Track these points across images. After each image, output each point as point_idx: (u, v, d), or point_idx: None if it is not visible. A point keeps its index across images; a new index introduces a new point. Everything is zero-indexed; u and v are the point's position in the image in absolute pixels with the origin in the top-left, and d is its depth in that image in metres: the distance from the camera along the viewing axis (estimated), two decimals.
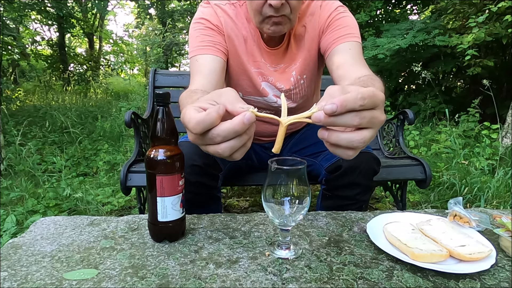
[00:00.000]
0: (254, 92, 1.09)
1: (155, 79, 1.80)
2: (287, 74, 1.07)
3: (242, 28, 1.03)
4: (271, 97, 1.09)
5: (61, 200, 2.10)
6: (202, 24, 1.00)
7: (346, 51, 0.95)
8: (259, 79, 1.07)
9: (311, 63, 1.07)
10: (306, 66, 1.07)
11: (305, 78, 1.08)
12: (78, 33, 11.30)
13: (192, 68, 0.97)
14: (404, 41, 3.89)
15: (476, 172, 2.39)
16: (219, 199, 1.12)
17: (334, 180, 1.01)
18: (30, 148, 3.04)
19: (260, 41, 1.03)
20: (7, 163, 2.81)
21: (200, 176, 0.94)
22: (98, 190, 2.27)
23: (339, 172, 0.99)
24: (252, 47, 1.04)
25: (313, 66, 1.08)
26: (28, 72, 8.73)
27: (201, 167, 0.94)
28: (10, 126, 3.66)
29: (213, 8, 1.03)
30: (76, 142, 3.41)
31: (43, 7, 7.20)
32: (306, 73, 1.08)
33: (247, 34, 1.03)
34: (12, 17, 5.99)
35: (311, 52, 1.06)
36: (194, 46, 0.99)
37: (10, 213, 1.80)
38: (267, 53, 1.04)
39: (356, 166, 0.96)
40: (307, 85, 1.10)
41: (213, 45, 0.97)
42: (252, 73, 1.06)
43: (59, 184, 2.35)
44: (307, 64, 1.07)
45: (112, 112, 4.88)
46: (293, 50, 1.05)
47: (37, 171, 2.59)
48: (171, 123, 0.70)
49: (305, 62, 1.06)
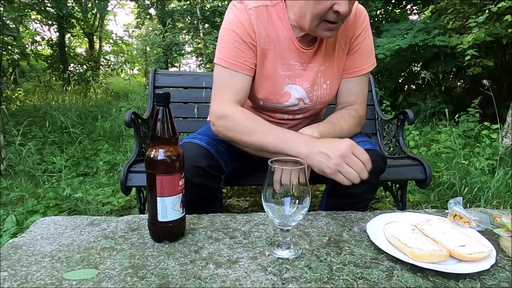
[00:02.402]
0: (274, 98, 1.08)
1: (155, 79, 1.80)
2: (314, 73, 1.06)
3: (274, 30, 1.01)
4: (292, 101, 1.08)
5: (61, 200, 2.09)
6: (237, 35, 0.98)
7: (356, 86, 1.11)
8: (285, 82, 1.06)
9: (335, 72, 1.08)
10: (332, 72, 1.08)
11: (328, 84, 1.08)
12: (78, 33, 11.31)
13: (223, 77, 1.00)
14: (404, 41, 3.89)
15: (476, 172, 2.39)
16: (220, 200, 1.12)
17: None
18: (30, 148, 3.04)
19: (295, 41, 1.01)
20: (7, 163, 2.81)
21: (203, 178, 0.94)
22: (98, 190, 2.27)
23: None
24: (284, 48, 1.02)
25: (336, 74, 1.09)
26: (28, 72, 8.72)
27: (204, 169, 0.94)
28: (10, 126, 3.66)
29: (248, 13, 0.98)
30: (76, 142, 3.41)
31: (43, 7, 7.20)
32: (330, 79, 1.08)
33: (280, 35, 1.02)
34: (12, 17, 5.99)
35: (339, 61, 1.08)
36: (225, 56, 0.99)
37: (10, 213, 1.80)
38: (299, 53, 1.03)
39: None
40: (329, 92, 1.10)
41: (243, 62, 0.99)
42: (279, 77, 1.05)
43: (59, 184, 2.35)
44: (333, 70, 1.08)
45: (112, 112, 4.88)
46: (323, 53, 1.05)
47: (37, 171, 2.59)
48: (171, 123, 0.70)
49: (332, 68, 1.07)
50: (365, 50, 1.08)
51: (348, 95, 1.11)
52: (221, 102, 0.98)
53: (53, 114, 4.40)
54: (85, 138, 3.65)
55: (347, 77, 1.10)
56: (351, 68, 1.09)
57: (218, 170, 1.00)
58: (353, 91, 1.11)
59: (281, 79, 1.05)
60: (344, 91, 1.11)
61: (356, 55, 1.08)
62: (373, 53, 1.11)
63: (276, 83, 1.05)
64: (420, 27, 4.08)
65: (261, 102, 1.09)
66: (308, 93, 1.07)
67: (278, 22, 1.01)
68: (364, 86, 1.12)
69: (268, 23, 1.00)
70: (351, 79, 1.10)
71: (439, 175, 2.42)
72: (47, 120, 4.09)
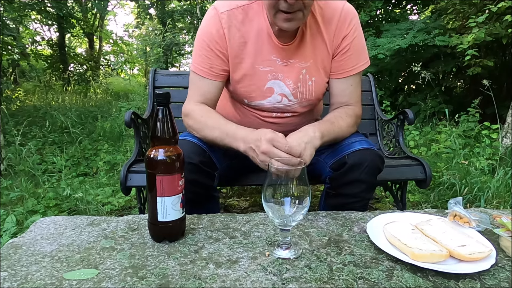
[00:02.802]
0: (258, 95, 1.09)
1: (155, 79, 1.80)
2: (297, 70, 1.07)
3: (252, 28, 1.04)
4: (275, 96, 1.10)
5: (61, 200, 2.09)
6: (205, 43, 1.05)
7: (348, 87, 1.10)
8: (267, 78, 1.07)
9: (320, 69, 1.08)
10: (317, 70, 1.08)
11: (314, 80, 1.09)
12: (78, 33, 11.30)
13: (192, 80, 1.10)
14: (404, 41, 3.89)
15: (476, 172, 2.39)
16: (216, 199, 1.12)
17: (339, 178, 1.02)
18: (30, 148, 3.03)
19: (273, 37, 1.03)
20: (7, 163, 2.80)
21: (196, 174, 0.96)
22: (98, 190, 2.26)
23: (343, 169, 0.99)
24: (264, 44, 1.04)
25: (322, 72, 1.09)
26: (28, 72, 8.72)
27: (197, 166, 0.96)
28: (10, 126, 3.66)
29: (219, 18, 1.03)
30: (76, 142, 3.41)
31: (43, 7, 7.20)
32: (315, 76, 1.08)
33: (259, 32, 1.04)
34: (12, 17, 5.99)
35: (324, 60, 1.08)
36: (195, 62, 1.08)
37: (10, 213, 1.80)
38: (279, 49, 1.04)
39: (361, 163, 0.97)
40: (314, 90, 1.10)
41: (210, 69, 1.06)
42: (260, 73, 1.06)
43: (59, 184, 2.35)
44: (317, 68, 1.08)
45: (112, 112, 4.88)
46: (306, 50, 1.06)
47: (37, 171, 2.59)
48: (172, 123, 0.70)
49: (316, 66, 1.07)
50: (355, 50, 1.07)
51: (340, 95, 1.11)
52: (189, 102, 1.09)
53: (53, 114, 4.39)
54: (85, 138, 3.65)
55: (338, 78, 1.10)
56: (341, 68, 1.09)
57: (211, 167, 1.01)
58: (345, 92, 1.11)
59: (263, 75, 1.07)
60: (336, 92, 1.12)
61: (345, 56, 1.07)
62: (365, 53, 1.11)
63: (257, 80, 1.07)
64: (420, 27, 4.08)
65: (245, 101, 1.12)
66: (291, 90, 1.09)
67: (256, 20, 1.03)
68: (356, 86, 1.11)
69: (244, 23, 1.04)
70: (342, 80, 1.10)
71: (439, 175, 2.42)
72: (47, 120, 4.09)
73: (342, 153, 1.02)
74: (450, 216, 0.82)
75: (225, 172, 1.11)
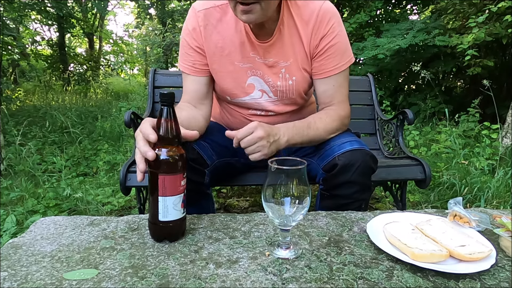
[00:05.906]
0: (239, 92, 1.11)
1: (155, 79, 1.80)
2: (276, 69, 1.07)
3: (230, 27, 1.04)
4: (256, 92, 1.11)
5: (61, 200, 2.09)
6: (185, 41, 1.08)
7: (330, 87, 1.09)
8: (247, 74, 1.08)
9: (300, 69, 1.08)
10: (297, 69, 1.08)
11: (294, 80, 1.09)
12: (78, 33, 11.31)
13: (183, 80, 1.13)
14: (404, 41, 3.89)
15: (476, 172, 2.39)
16: (209, 196, 1.12)
17: (331, 179, 1.01)
18: (30, 148, 3.03)
19: (251, 34, 1.03)
20: (7, 163, 2.80)
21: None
22: (98, 190, 2.27)
23: (335, 170, 0.99)
24: (243, 42, 1.05)
25: (302, 72, 1.09)
26: (28, 72, 8.71)
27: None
28: (10, 126, 3.66)
29: (196, 16, 1.05)
30: (76, 142, 3.41)
31: (43, 7, 7.19)
32: (296, 76, 1.08)
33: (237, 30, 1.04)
34: (12, 17, 5.98)
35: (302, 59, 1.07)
36: (180, 61, 1.12)
37: (10, 213, 1.80)
38: (255, 46, 1.05)
39: (351, 163, 0.97)
40: (295, 89, 1.10)
41: (192, 65, 1.09)
42: (239, 70, 1.07)
43: (59, 184, 2.35)
44: (297, 68, 1.07)
45: (112, 112, 4.88)
46: (286, 49, 1.05)
47: (37, 171, 2.59)
48: (175, 123, 0.70)
49: (297, 65, 1.07)
50: (335, 49, 1.05)
51: (323, 96, 1.11)
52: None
53: (53, 114, 4.39)
54: (85, 138, 3.65)
55: (320, 78, 1.08)
56: (322, 68, 1.07)
57: (201, 164, 1.02)
58: (328, 93, 1.09)
59: (243, 72, 1.08)
60: (319, 92, 1.11)
61: (325, 56, 1.05)
62: (348, 51, 1.09)
63: (237, 77, 1.09)
64: (420, 27, 4.09)
65: (228, 98, 1.14)
66: (270, 87, 1.09)
67: (234, 18, 1.03)
68: (339, 85, 1.09)
69: (222, 21, 1.05)
70: (324, 80, 1.08)
71: (439, 175, 2.42)
72: (47, 120, 4.09)
73: (333, 154, 1.01)
74: (450, 216, 0.82)
75: (219, 170, 1.11)
